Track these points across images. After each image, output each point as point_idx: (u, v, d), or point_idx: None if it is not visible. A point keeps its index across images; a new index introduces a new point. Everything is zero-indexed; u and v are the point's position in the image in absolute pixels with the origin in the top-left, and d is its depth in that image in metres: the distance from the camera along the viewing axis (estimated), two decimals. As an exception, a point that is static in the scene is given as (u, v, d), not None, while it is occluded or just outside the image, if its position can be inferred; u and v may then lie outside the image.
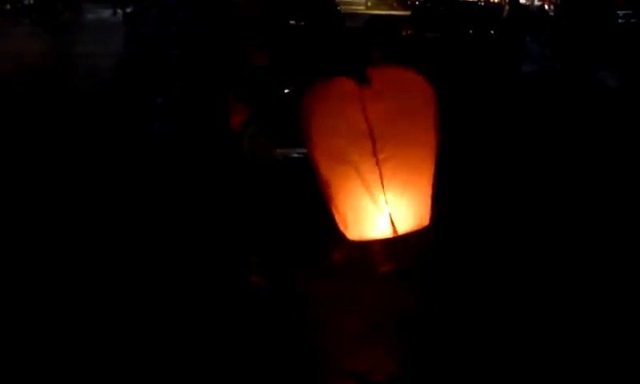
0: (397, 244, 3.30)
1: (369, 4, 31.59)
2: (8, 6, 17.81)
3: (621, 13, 12.98)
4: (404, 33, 14.00)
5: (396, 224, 3.22)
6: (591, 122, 6.54)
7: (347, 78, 3.28)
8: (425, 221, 3.29)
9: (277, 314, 3.04)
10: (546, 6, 21.23)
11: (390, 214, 3.21)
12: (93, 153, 5.29)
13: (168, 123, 2.52)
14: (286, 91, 3.89)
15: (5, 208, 4.14)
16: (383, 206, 3.21)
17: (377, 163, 3.18)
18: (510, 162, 5.28)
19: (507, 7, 10.95)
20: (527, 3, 21.88)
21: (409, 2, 27.50)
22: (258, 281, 3.22)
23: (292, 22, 13.62)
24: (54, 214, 4.09)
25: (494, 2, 23.98)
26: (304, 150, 3.46)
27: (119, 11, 19.17)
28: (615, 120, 6.60)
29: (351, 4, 26.58)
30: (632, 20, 13.12)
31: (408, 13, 15.74)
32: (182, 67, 2.48)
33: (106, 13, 19.80)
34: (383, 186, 3.19)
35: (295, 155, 3.82)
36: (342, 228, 3.27)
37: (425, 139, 3.26)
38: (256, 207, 3.20)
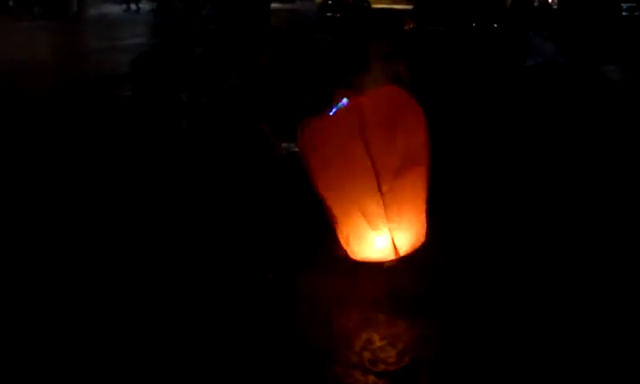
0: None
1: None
2: (10, 2, 17.70)
3: (625, 5, 12.92)
4: (406, 27, 14.01)
5: (398, 247, 3.28)
6: (595, 115, 6.54)
7: (344, 111, 3.31)
8: (422, 238, 3.36)
9: (283, 307, 3.07)
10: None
11: (392, 239, 3.27)
12: (117, 149, 5.29)
13: (196, 121, 2.52)
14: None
15: (34, 204, 4.20)
16: (386, 233, 3.27)
17: (381, 197, 3.23)
18: (513, 156, 5.28)
19: (510, 0, 10.92)
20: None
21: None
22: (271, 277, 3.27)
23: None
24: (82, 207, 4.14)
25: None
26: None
27: (133, 7, 19.11)
28: (619, 113, 6.60)
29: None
30: (636, 13, 13.05)
31: (410, 7, 15.67)
32: (205, 64, 2.47)
33: (111, 8, 19.67)
34: (386, 216, 3.24)
35: (297, 149, 3.84)
36: (345, 249, 3.34)
37: (419, 160, 3.30)
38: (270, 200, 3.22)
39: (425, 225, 3.34)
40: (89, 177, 4.62)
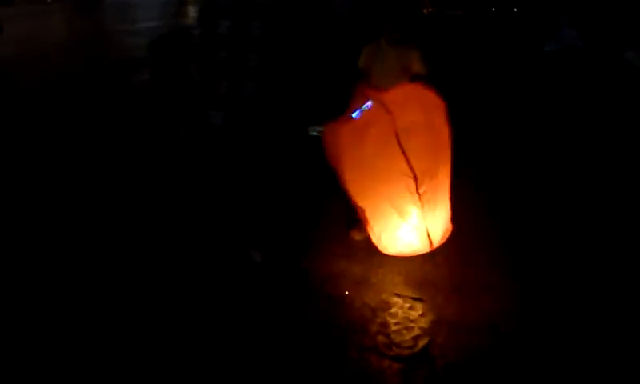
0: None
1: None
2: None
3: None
4: (425, 11, 13.87)
5: (432, 239, 3.34)
6: (615, 101, 6.46)
7: (372, 114, 3.29)
8: (450, 227, 3.42)
9: (299, 291, 3.10)
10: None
11: (427, 234, 3.33)
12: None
13: (237, 114, 2.47)
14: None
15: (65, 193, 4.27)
16: (422, 229, 3.32)
17: (419, 199, 3.26)
18: (530, 144, 5.26)
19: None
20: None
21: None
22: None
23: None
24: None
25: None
26: (320, 128, 3.48)
27: None
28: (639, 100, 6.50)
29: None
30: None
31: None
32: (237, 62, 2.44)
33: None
34: (423, 214, 3.28)
35: (314, 133, 3.83)
36: (377, 245, 3.37)
37: (446, 157, 3.32)
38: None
39: (450, 213, 3.39)
40: (99, 170, 4.68)
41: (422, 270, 3.31)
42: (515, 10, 12.01)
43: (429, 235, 3.31)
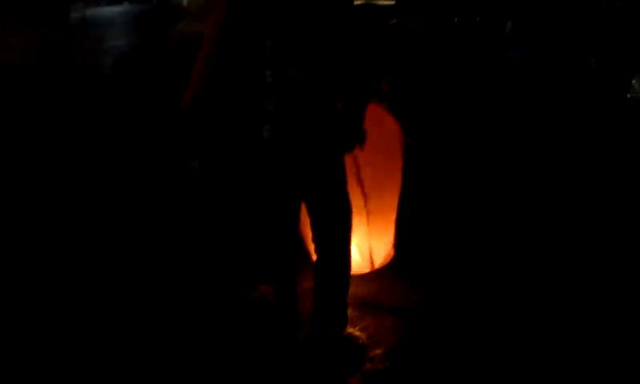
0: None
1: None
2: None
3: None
4: (391, 22, 13.96)
5: (374, 259, 3.36)
6: (580, 106, 6.58)
7: None
8: (392, 252, 3.45)
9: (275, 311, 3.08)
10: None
11: (370, 254, 3.35)
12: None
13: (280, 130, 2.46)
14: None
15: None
16: (365, 248, 3.32)
17: (367, 215, 3.24)
18: (495, 150, 5.31)
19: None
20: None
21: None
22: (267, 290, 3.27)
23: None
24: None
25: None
26: None
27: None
28: (604, 104, 6.61)
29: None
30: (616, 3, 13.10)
31: (393, 2, 15.64)
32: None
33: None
34: (369, 233, 3.28)
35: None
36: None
37: (396, 174, 3.35)
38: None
39: (393, 239, 3.43)
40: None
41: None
42: (477, 19, 12.16)
43: (371, 255, 3.31)
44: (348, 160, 3.20)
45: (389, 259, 3.45)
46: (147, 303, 3.17)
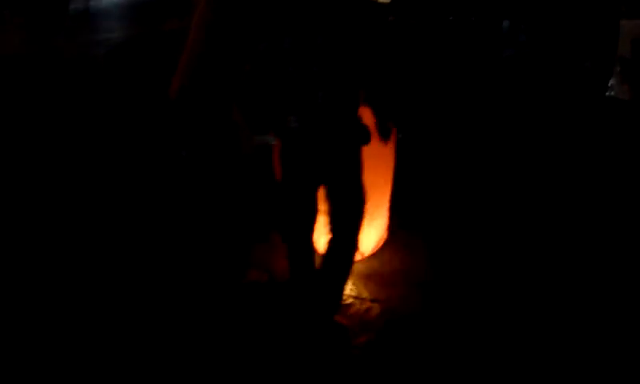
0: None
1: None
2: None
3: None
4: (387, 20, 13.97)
5: (363, 250, 3.39)
6: (573, 108, 6.60)
7: None
8: (385, 234, 3.54)
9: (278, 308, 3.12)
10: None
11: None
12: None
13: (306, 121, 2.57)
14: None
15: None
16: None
17: None
18: (489, 152, 5.34)
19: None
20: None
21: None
22: (258, 276, 3.33)
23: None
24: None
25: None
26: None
27: None
28: (598, 107, 6.63)
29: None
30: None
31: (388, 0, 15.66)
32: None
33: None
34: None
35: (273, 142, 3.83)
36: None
37: (388, 171, 3.41)
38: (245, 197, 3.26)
39: (386, 228, 3.51)
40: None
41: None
42: (472, 18, 12.20)
43: (361, 246, 3.34)
44: None
45: (381, 243, 3.52)
46: (142, 295, 3.16)
